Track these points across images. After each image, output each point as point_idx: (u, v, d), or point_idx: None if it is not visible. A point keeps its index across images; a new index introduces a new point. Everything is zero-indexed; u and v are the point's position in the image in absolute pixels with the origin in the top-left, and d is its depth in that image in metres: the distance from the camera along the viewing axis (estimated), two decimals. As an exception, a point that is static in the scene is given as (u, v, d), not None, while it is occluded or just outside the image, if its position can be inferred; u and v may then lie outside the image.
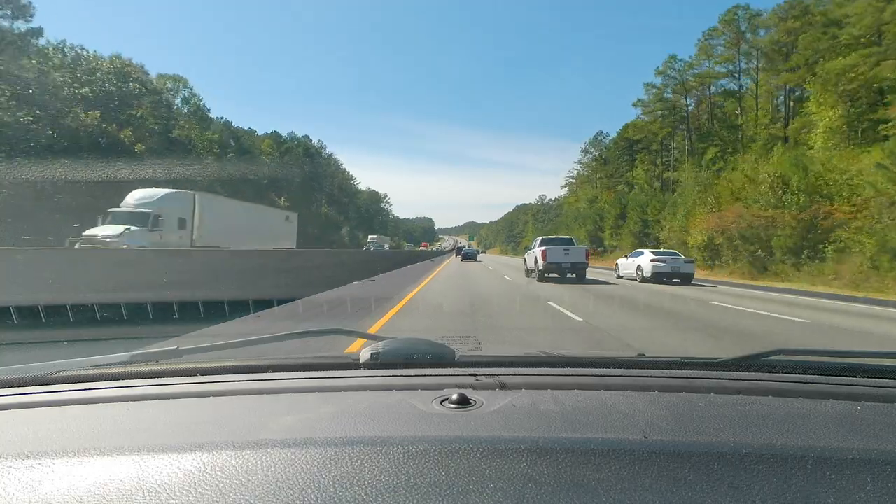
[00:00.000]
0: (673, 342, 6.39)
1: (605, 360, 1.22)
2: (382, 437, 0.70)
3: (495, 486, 0.59)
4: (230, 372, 1.12)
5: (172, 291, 7.20)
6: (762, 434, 0.75)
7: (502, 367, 1.12)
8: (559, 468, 0.62)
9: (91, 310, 5.62)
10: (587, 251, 19.02)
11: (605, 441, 0.70)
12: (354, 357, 1.15)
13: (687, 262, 19.22)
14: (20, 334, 4.90)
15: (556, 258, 17.80)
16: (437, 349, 1.15)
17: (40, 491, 0.61)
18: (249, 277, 10.31)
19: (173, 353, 1.19)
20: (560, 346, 5.93)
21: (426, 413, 0.82)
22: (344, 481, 0.60)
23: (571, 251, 18.16)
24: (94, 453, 0.68)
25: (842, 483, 0.61)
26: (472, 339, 3.37)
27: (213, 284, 8.80)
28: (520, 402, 0.87)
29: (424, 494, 0.58)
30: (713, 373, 1.10)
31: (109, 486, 0.61)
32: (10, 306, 5.17)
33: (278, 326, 7.02)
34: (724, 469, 0.63)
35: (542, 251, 17.86)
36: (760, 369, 1.10)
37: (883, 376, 1.08)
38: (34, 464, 0.66)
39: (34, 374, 1.07)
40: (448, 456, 0.64)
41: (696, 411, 0.86)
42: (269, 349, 1.50)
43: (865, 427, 0.79)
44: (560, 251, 18.06)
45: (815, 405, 0.90)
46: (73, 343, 4.85)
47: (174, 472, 0.63)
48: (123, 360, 1.17)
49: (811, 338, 7.01)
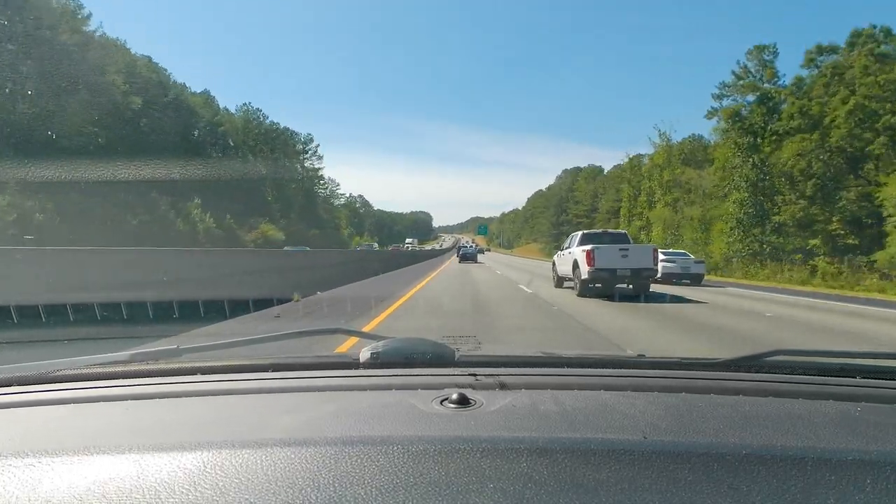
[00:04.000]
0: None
1: (605, 361, 1.22)
2: (382, 436, 0.70)
3: (495, 485, 0.59)
4: (230, 371, 1.12)
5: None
6: (762, 435, 0.75)
7: (502, 366, 1.12)
8: (559, 468, 0.62)
9: (91, 309, 5.62)
10: (655, 251, 13.00)
11: (605, 441, 0.70)
12: (354, 356, 1.15)
13: (697, 262, 19.11)
14: (20, 333, 4.90)
15: (608, 262, 11.94)
16: (437, 349, 1.15)
17: (40, 490, 0.61)
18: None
19: (173, 352, 1.19)
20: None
21: (426, 413, 0.82)
22: (344, 481, 0.60)
23: (632, 252, 12.33)
24: (94, 452, 0.68)
25: (841, 484, 0.61)
26: (472, 339, 3.38)
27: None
28: (520, 402, 0.87)
29: (424, 494, 0.58)
30: (713, 373, 1.10)
31: (109, 485, 0.61)
32: (9, 305, 5.17)
33: (277, 325, 7.02)
34: (723, 470, 0.63)
35: (585, 252, 12.10)
36: (760, 370, 1.11)
37: (883, 377, 1.08)
38: (34, 462, 0.66)
39: (34, 372, 1.07)
40: (448, 456, 0.64)
41: (696, 412, 0.86)
42: (269, 348, 1.50)
43: (865, 427, 0.79)
44: (614, 252, 12.14)
45: (815, 406, 0.90)
46: (72, 342, 4.85)
47: (174, 471, 0.63)
48: (123, 358, 1.17)
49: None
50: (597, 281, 12.00)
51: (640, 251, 12.64)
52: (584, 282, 12.17)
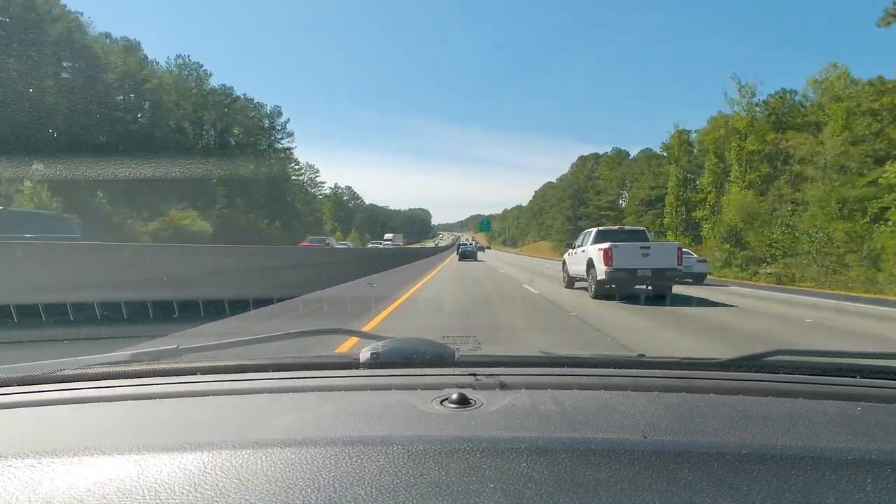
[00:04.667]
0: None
1: (606, 360, 1.22)
2: (382, 436, 0.71)
3: (495, 485, 0.59)
4: (230, 371, 1.12)
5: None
6: (762, 434, 0.75)
7: (502, 366, 1.12)
8: (559, 468, 0.62)
9: (91, 308, 5.62)
10: (680, 250, 11.68)
11: (605, 441, 0.70)
12: (354, 356, 1.15)
13: (700, 261, 19.06)
14: (20, 333, 4.90)
15: (627, 261, 10.99)
16: (437, 349, 1.15)
17: (40, 490, 0.61)
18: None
19: (173, 352, 1.19)
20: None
21: (426, 413, 0.82)
22: (344, 481, 0.60)
23: (654, 251, 11.35)
24: (94, 452, 0.68)
25: (842, 483, 0.61)
26: (472, 339, 3.38)
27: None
28: (520, 401, 0.87)
29: (424, 494, 0.58)
30: (713, 373, 1.10)
31: (109, 486, 0.61)
32: (9, 304, 5.17)
33: (275, 325, 7.00)
34: (723, 469, 0.63)
35: (602, 250, 11.18)
36: (761, 369, 1.11)
37: (883, 376, 1.08)
38: (34, 463, 0.66)
39: (34, 372, 1.07)
40: (448, 456, 0.64)
41: (696, 411, 0.86)
42: (269, 348, 1.50)
43: (865, 427, 0.79)
44: (634, 251, 11.19)
45: (816, 405, 0.90)
46: (72, 342, 4.85)
47: (174, 471, 0.63)
48: (123, 358, 1.17)
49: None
50: (614, 282, 11.02)
51: (663, 250, 11.68)
52: (600, 283, 11.26)
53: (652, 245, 11.94)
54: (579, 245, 13.96)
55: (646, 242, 12.42)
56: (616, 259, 10.97)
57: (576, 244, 14.50)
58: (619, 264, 10.96)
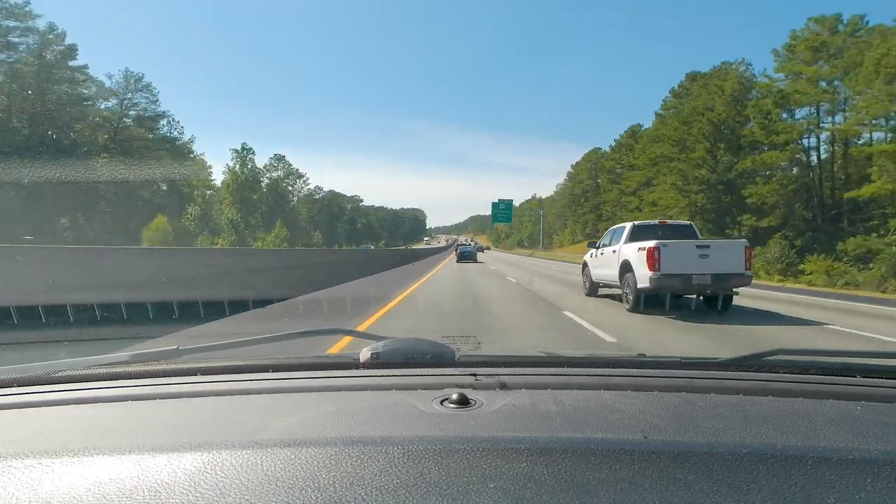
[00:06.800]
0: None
1: (606, 360, 1.22)
2: (382, 436, 0.70)
3: (495, 485, 0.59)
4: (230, 371, 1.12)
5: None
6: (762, 434, 0.75)
7: (502, 366, 1.12)
8: (559, 468, 0.62)
9: (91, 309, 5.62)
10: (749, 250, 8.78)
11: (605, 441, 0.70)
12: (354, 357, 1.15)
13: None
14: (20, 334, 4.90)
15: (680, 265, 8.39)
16: (437, 349, 1.15)
17: (40, 490, 0.61)
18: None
19: (173, 353, 1.19)
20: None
21: (426, 413, 0.82)
22: (344, 481, 0.60)
23: (715, 251, 8.63)
24: (94, 453, 0.68)
25: (842, 483, 0.61)
26: (472, 339, 3.39)
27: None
28: (520, 401, 0.87)
29: (424, 494, 0.58)
30: (713, 373, 1.10)
31: (109, 486, 0.61)
32: (9, 306, 5.17)
33: (274, 325, 7.00)
34: (724, 469, 0.63)
35: (646, 251, 8.52)
36: (761, 369, 1.10)
37: (883, 376, 1.08)
38: (34, 463, 0.66)
39: (34, 373, 1.07)
40: (448, 456, 0.64)
41: (696, 411, 0.86)
42: (268, 349, 1.50)
43: (865, 427, 0.79)
44: (689, 251, 8.56)
45: (816, 405, 0.90)
46: (72, 343, 4.85)
47: (174, 471, 0.63)
48: (123, 359, 1.17)
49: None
50: (663, 289, 8.43)
51: (726, 249, 8.81)
52: (640, 291, 8.57)
53: (712, 243, 9.06)
54: (606, 244, 11.07)
55: (703, 240, 9.79)
56: (664, 262, 8.32)
57: (601, 243, 11.61)
58: (669, 268, 8.32)
